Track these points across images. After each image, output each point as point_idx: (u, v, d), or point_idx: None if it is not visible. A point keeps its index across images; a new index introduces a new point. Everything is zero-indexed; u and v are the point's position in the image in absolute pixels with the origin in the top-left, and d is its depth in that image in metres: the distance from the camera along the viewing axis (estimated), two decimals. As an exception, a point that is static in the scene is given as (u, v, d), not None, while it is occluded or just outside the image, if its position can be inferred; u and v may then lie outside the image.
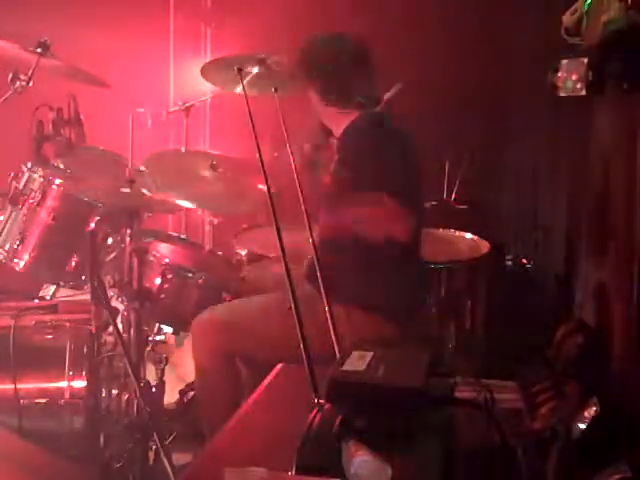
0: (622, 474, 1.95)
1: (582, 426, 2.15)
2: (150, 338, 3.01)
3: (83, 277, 2.90)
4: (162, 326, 3.11)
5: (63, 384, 2.50)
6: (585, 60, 2.51)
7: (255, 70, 3.11)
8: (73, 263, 2.88)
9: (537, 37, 3.97)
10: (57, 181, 2.82)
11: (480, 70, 4.34)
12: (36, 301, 2.98)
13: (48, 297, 3.08)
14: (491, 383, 1.86)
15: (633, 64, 2.36)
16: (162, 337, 3.16)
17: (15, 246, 2.83)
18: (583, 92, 2.53)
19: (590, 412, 2.14)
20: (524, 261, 4.12)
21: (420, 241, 2.68)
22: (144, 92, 4.36)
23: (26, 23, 3.77)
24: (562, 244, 4.15)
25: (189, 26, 4.86)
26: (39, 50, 3.03)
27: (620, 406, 2.20)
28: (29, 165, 2.83)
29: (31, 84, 3.03)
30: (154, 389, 2.77)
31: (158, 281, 2.90)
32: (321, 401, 1.41)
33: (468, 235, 3.65)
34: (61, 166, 2.94)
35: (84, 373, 2.48)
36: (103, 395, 2.46)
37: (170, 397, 2.99)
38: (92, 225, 2.82)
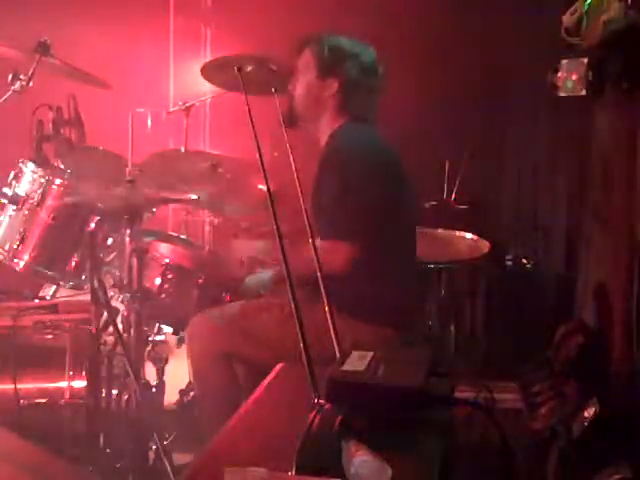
0: (622, 474, 1.95)
1: (582, 426, 2.15)
2: (150, 338, 3.01)
3: (83, 277, 2.89)
4: (162, 326, 3.10)
5: (63, 384, 2.49)
6: (585, 60, 2.52)
7: (254, 70, 3.11)
8: (73, 263, 2.87)
9: (537, 37, 3.98)
10: (57, 181, 2.81)
11: (480, 70, 4.34)
12: (36, 301, 2.97)
13: (48, 297, 3.08)
14: (491, 383, 1.86)
15: (633, 64, 2.36)
16: (162, 337, 3.15)
17: (15, 246, 2.83)
18: (583, 92, 2.53)
19: (590, 412, 2.15)
20: (524, 261, 4.12)
21: (413, 243, 2.67)
22: (144, 92, 4.37)
23: (26, 23, 3.78)
24: (562, 244, 4.16)
25: (189, 26, 4.87)
26: (39, 50, 3.03)
27: (620, 406, 2.20)
28: (29, 165, 2.83)
29: (31, 84, 3.04)
30: (154, 389, 2.77)
31: (158, 281, 2.89)
32: (321, 401, 1.41)
33: (468, 235, 3.65)
34: (61, 166, 2.94)
35: (84, 373, 2.48)
36: (103, 395, 2.46)
37: (170, 397, 2.99)
38: (92, 225, 2.82)
